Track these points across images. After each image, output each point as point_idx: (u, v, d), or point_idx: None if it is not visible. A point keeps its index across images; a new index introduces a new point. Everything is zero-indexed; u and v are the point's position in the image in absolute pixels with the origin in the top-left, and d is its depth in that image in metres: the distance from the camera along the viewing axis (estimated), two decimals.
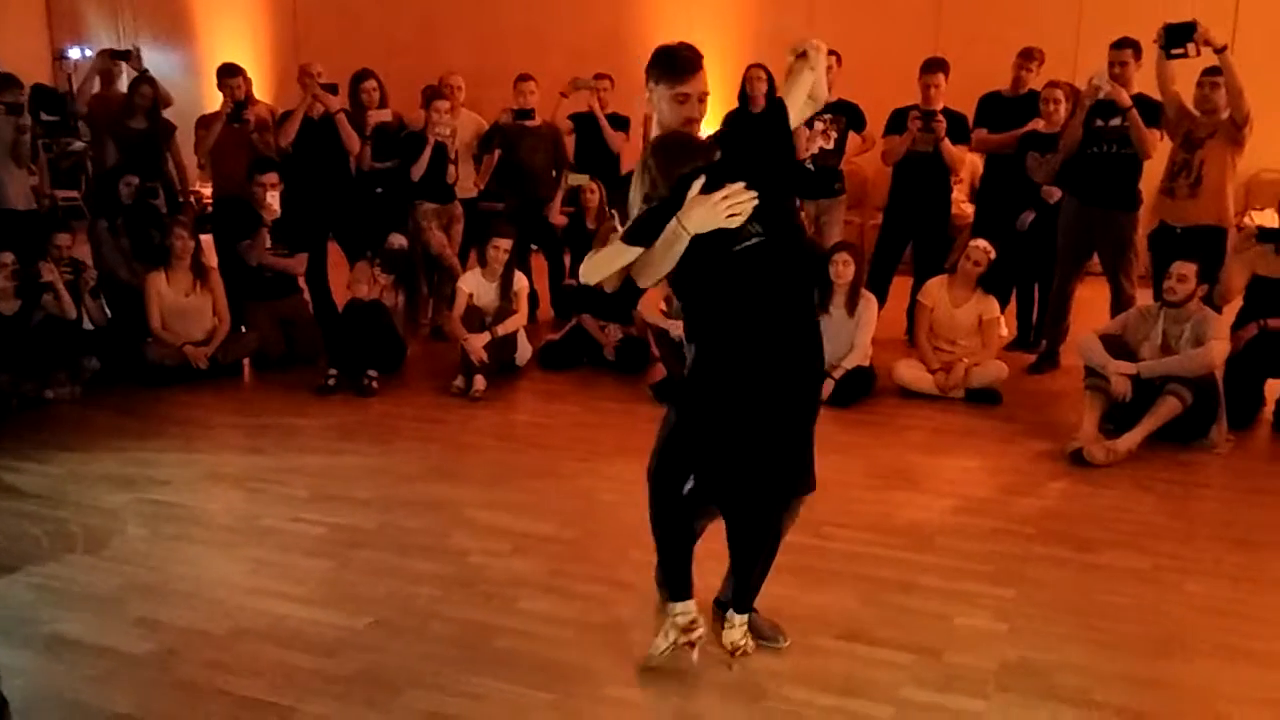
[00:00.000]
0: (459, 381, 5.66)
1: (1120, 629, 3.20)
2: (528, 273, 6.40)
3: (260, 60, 10.69)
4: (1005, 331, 6.00)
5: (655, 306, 5.49)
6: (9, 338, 5.46)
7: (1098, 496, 4.28)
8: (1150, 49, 5.50)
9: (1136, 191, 5.80)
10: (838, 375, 5.41)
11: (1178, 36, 5.28)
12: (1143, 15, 5.77)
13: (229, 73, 6.56)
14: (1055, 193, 6.05)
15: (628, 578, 3.42)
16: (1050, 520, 4.04)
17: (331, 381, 5.66)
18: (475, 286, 5.92)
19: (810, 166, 6.33)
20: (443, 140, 6.52)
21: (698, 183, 2.61)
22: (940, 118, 6.13)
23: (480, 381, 5.60)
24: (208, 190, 7.85)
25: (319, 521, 4.00)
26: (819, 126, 6.28)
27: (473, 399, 5.53)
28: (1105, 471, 4.52)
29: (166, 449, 4.84)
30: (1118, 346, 4.93)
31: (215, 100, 6.66)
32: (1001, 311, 5.80)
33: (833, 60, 6.44)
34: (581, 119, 7.31)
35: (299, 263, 6.35)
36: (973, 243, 5.67)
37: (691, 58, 2.85)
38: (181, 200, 7.01)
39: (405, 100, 7.25)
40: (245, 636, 3.16)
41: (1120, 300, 5.80)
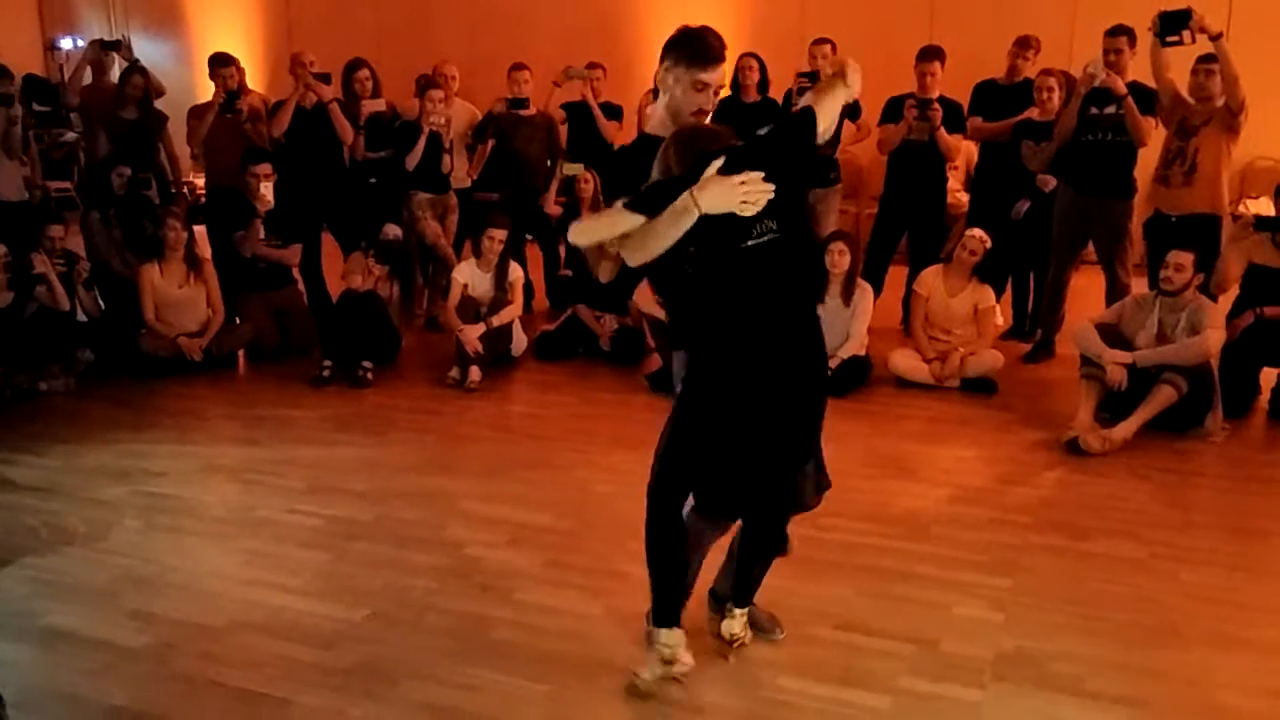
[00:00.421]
0: (454, 372, 5.65)
1: (1116, 618, 3.20)
2: (523, 263, 6.39)
3: (253, 49, 10.65)
4: (1001, 321, 6.00)
5: (651, 296, 5.48)
6: (2, 330, 5.44)
7: (1093, 485, 4.28)
8: (1145, 36, 5.49)
9: (1131, 179, 5.79)
10: (833, 365, 5.41)
11: (1173, 24, 5.28)
12: (1138, 2, 5.78)
13: (221, 62, 6.52)
14: (1050, 181, 6.04)
15: (624, 568, 3.41)
16: (1046, 509, 4.04)
17: (326, 373, 5.65)
18: (470, 277, 5.91)
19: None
20: (438, 130, 6.49)
21: (717, 162, 2.52)
22: (936, 106, 6.12)
23: (475, 372, 5.59)
24: (201, 181, 7.83)
25: (315, 513, 4.00)
26: None
27: (468, 390, 5.52)
28: (1101, 460, 4.53)
29: (161, 441, 4.83)
30: (1113, 335, 4.93)
31: (207, 90, 6.63)
32: (997, 300, 5.79)
33: (827, 48, 6.44)
34: (574, 108, 7.29)
35: (293, 254, 6.33)
36: (968, 232, 5.66)
37: (719, 48, 2.73)
38: (174, 191, 6.98)
39: (398, 90, 7.22)
40: (241, 629, 3.16)
41: (1115, 289, 5.81)
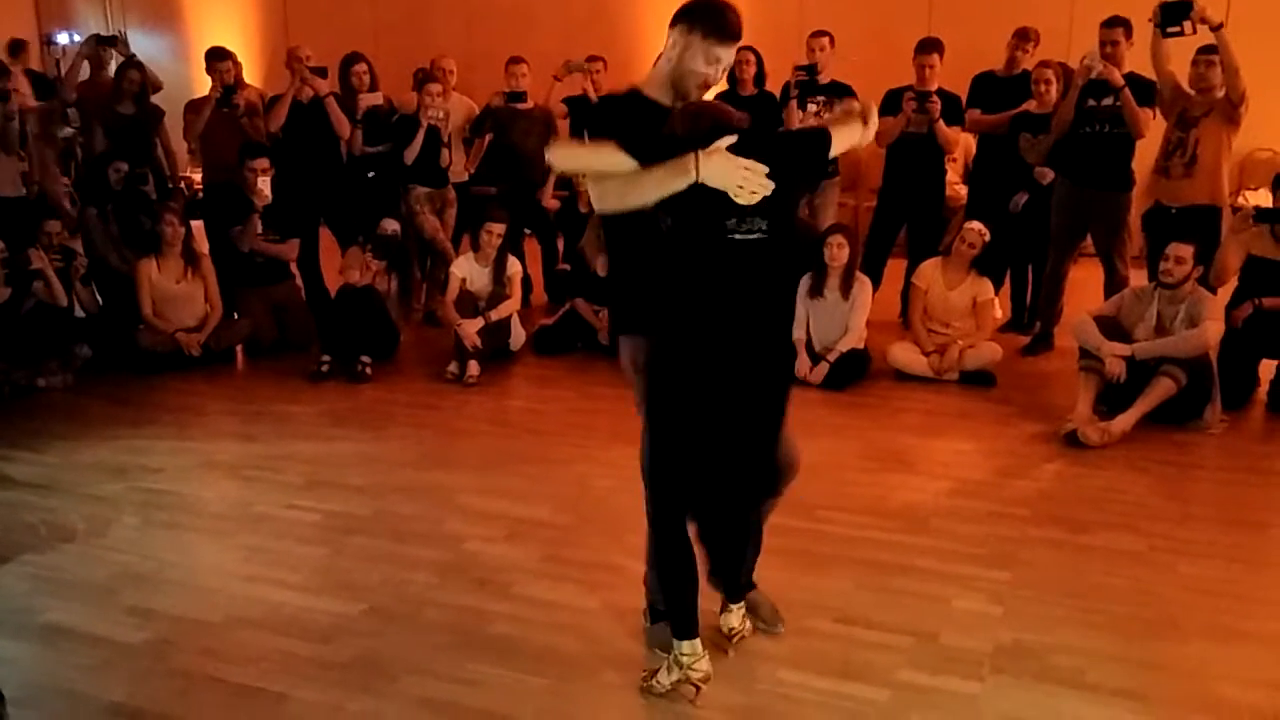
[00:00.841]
0: (453, 367, 5.65)
1: (1115, 610, 3.20)
2: (521, 257, 6.38)
3: (249, 44, 10.64)
4: (999, 313, 6.00)
5: None
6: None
7: (1092, 478, 4.28)
8: (1143, 27, 5.48)
9: (1129, 171, 5.78)
10: (832, 358, 5.41)
11: (1174, 14, 5.26)
12: None
13: (218, 56, 6.51)
14: (1048, 174, 6.03)
15: (622, 562, 3.41)
16: (1045, 502, 4.04)
17: (324, 368, 5.65)
18: (468, 271, 5.90)
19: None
20: (436, 124, 6.48)
21: (731, 138, 2.49)
22: (935, 99, 6.10)
23: (474, 367, 5.58)
24: (198, 176, 7.82)
25: (313, 508, 3.99)
26: (812, 108, 6.25)
27: (466, 384, 5.52)
28: (1100, 453, 4.52)
29: (159, 437, 4.83)
30: (1112, 328, 4.92)
31: (204, 85, 6.61)
32: (995, 293, 5.79)
33: (826, 41, 6.42)
34: (575, 102, 7.27)
35: (291, 248, 6.32)
36: (967, 225, 5.66)
37: (738, 25, 2.64)
38: (171, 186, 6.96)
39: (395, 83, 7.20)
40: (239, 624, 3.16)
41: (1114, 281, 5.80)
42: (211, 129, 6.48)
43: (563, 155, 2.66)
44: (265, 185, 6.05)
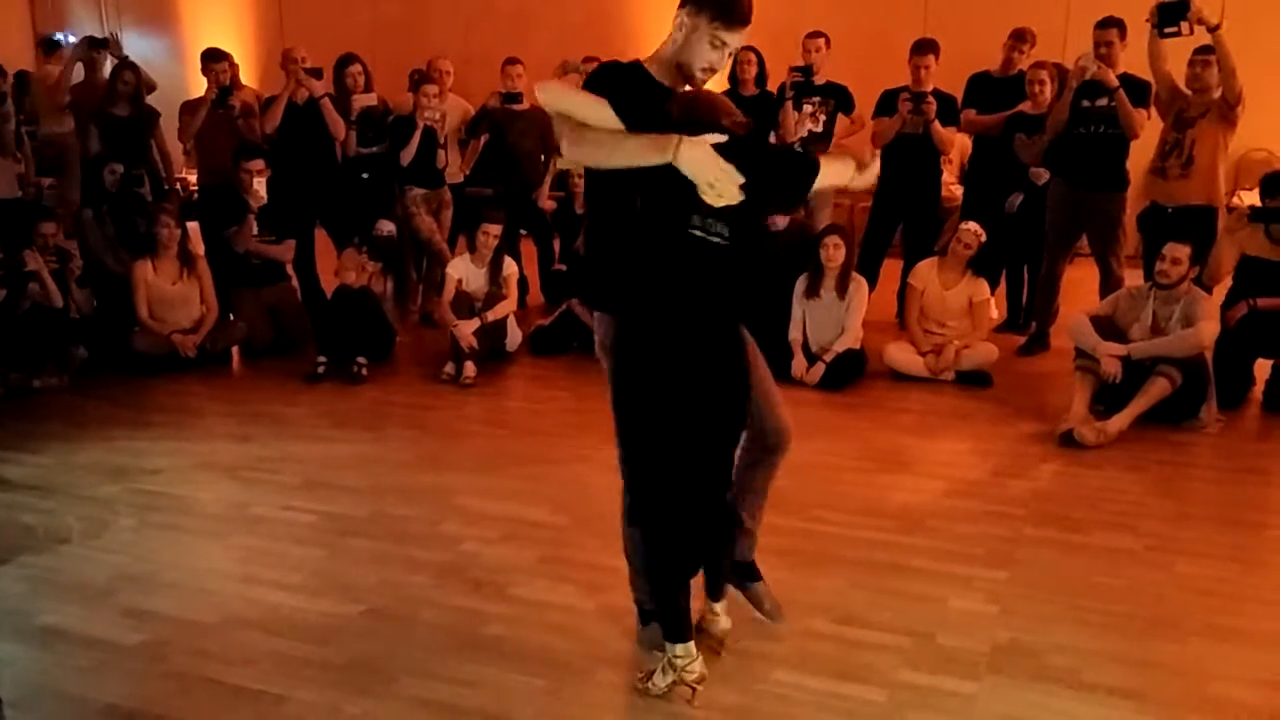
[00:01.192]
0: (449, 368, 5.65)
1: (1111, 610, 3.20)
2: (517, 258, 6.38)
3: (245, 45, 10.63)
4: (995, 314, 6.01)
5: None
6: None
7: (1088, 478, 4.29)
8: (1139, 28, 5.49)
9: (1124, 172, 5.80)
10: (828, 359, 5.42)
11: (1171, 15, 5.27)
12: None
13: (213, 58, 6.51)
14: (1043, 174, 6.05)
15: (619, 563, 3.38)
16: (1041, 502, 4.05)
17: (321, 369, 5.64)
18: (464, 272, 5.90)
19: (799, 149, 6.31)
20: (432, 125, 6.48)
21: (721, 137, 2.46)
22: (930, 100, 6.11)
23: (470, 368, 5.58)
24: (193, 177, 7.81)
25: (310, 510, 3.99)
26: (808, 109, 6.27)
27: (463, 385, 5.52)
28: (1096, 453, 4.53)
29: (156, 438, 4.82)
30: (1108, 328, 4.93)
31: (199, 86, 6.62)
32: (991, 294, 5.80)
33: (821, 42, 6.43)
34: None
35: (286, 250, 6.32)
36: (963, 225, 5.67)
37: (749, 10, 2.58)
38: (167, 188, 6.96)
39: (391, 84, 7.20)
40: (237, 626, 3.15)
41: (1109, 281, 5.81)
42: (207, 130, 6.48)
43: (553, 93, 2.61)
44: (261, 186, 6.05)
